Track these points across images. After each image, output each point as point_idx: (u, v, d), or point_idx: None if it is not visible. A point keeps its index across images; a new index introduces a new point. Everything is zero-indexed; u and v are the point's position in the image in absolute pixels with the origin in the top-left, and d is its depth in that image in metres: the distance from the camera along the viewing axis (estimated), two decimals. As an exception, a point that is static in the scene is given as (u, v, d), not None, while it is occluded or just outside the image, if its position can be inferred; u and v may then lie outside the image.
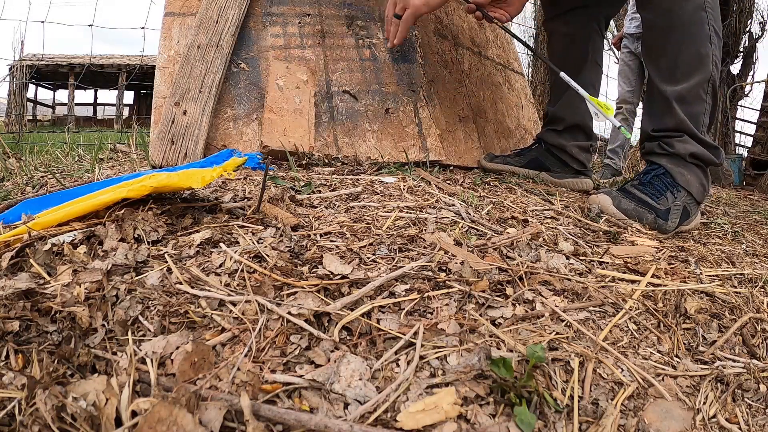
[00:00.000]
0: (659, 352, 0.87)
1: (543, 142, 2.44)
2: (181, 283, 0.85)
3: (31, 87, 25.68)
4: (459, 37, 2.86)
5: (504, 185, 1.91)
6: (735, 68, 8.03)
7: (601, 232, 1.40)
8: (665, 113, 1.84)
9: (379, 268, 0.95)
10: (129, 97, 28.42)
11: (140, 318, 0.78)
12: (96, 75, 21.69)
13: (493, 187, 1.84)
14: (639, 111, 5.38)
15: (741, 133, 9.03)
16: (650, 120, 1.91)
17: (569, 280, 1.00)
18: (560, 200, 1.75)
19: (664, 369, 0.82)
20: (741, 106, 9.38)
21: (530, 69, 8.31)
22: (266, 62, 2.15)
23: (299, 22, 2.29)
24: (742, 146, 8.15)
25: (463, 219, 1.27)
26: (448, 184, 1.72)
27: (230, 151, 1.70)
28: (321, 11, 2.36)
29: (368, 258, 0.99)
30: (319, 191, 1.43)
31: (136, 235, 0.99)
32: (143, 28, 4.11)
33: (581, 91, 1.89)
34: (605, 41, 2.43)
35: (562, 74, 1.97)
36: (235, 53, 2.10)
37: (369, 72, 2.30)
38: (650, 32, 1.90)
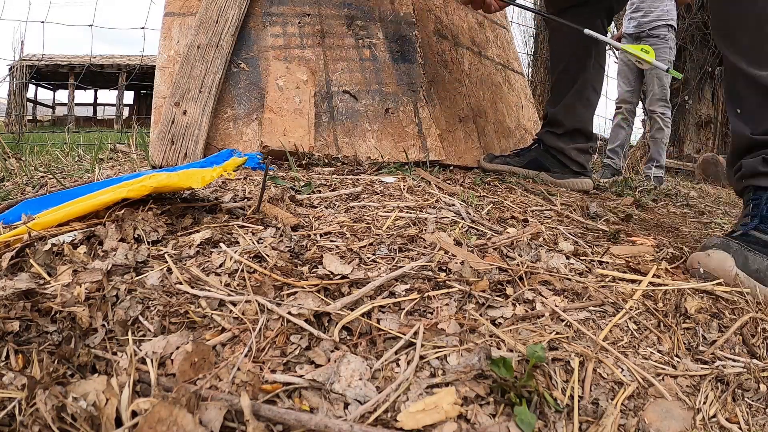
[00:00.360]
0: (659, 351, 0.86)
1: (542, 143, 2.44)
2: (181, 283, 0.85)
3: (31, 87, 25.67)
4: (459, 37, 2.86)
5: (504, 185, 1.91)
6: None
7: (601, 232, 1.40)
8: (765, 108, 1.33)
9: (379, 268, 0.95)
10: (129, 97, 28.42)
11: (140, 318, 0.78)
12: (96, 75, 21.69)
13: (493, 187, 1.84)
14: (639, 110, 5.38)
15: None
16: (744, 121, 1.38)
17: (569, 279, 1.00)
18: (560, 200, 1.75)
19: (664, 369, 0.82)
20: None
21: (530, 69, 8.31)
22: (266, 62, 2.15)
23: (299, 22, 2.29)
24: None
25: (463, 219, 1.27)
26: (448, 183, 1.72)
27: (230, 151, 1.70)
28: (321, 11, 2.36)
29: (368, 258, 0.99)
30: (319, 191, 1.43)
31: (136, 235, 0.99)
32: (143, 28, 4.11)
33: (615, 43, 1.78)
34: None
35: (587, 30, 1.89)
36: (235, 53, 2.10)
37: (369, 72, 2.30)
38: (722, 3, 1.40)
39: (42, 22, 4.13)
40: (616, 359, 0.81)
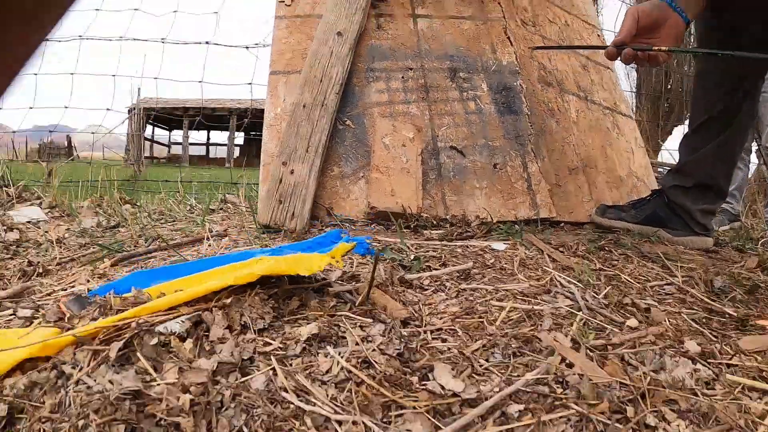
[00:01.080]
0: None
1: (666, 197, 2.20)
2: (286, 391, 0.83)
3: (148, 127, 27.44)
4: (564, 82, 2.76)
5: (619, 250, 1.80)
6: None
7: (727, 317, 1.30)
8: None
9: (492, 380, 0.89)
10: (239, 137, 30.05)
11: (244, 429, 0.76)
12: (208, 117, 22.88)
13: (608, 254, 1.75)
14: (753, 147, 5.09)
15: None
16: None
17: (695, 395, 0.91)
18: (681, 271, 1.62)
19: None
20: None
21: (635, 108, 8.04)
22: (371, 119, 2.15)
23: (402, 77, 2.28)
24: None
25: (580, 309, 1.20)
26: (561, 252, 1.65)
27: (338, 232, 1.69)
28: (423, 65, 2.34)
29: (480, 366, 0.94)
30: (428, 267, 1.40)
31: (242, 322, 0.99)
32: (250, 83, 4.26)
33: None
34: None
35: None
36: (340, 111, 2.12)
37: (475, 125, 2.27)
38: None
39: (155, 78, 4.34)
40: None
